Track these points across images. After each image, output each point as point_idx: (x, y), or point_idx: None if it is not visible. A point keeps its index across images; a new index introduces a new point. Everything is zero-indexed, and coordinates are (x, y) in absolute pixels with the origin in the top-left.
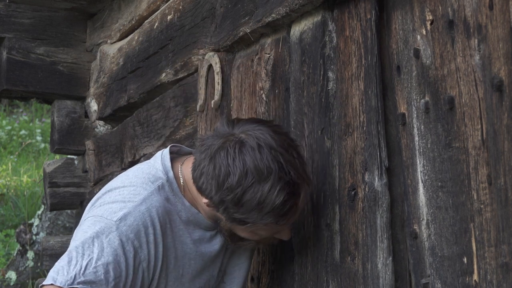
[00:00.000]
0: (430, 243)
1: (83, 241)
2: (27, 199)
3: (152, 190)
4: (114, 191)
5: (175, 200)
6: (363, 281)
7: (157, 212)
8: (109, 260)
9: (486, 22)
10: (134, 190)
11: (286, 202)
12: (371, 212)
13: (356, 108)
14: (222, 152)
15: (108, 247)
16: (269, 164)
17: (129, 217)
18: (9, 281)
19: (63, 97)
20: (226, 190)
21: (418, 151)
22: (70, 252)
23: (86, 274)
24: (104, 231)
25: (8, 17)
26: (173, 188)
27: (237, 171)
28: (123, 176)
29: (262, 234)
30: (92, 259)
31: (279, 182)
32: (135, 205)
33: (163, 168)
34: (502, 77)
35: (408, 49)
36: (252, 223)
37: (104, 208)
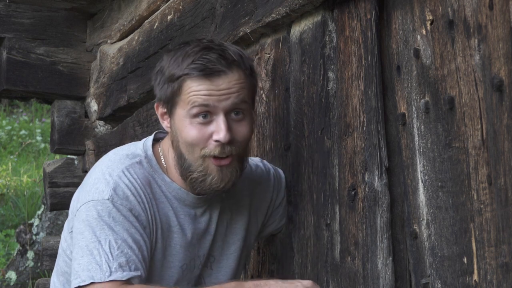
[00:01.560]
0: (430, 243)
1: (90, 230)
2: (27, 199)
3: (129, 163)
4: (95, 170)
5: (155, 176)
6: (363, 281)
7: (140, 183)
8: (124, 235)
9: (486, 22)
10: (112, 165)
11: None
12: (371, 212)
13: (356, 108)
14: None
15: (116, 225)
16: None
17: (118, 190)
18: (9, 281)
19: (63, 97)
20: (154, 76)
21: (418, 151)
22: (85, 247)
23: (116, 257)
24: (104, 213)
25: (8, 17)
26: (152, 165)
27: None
28: (104, 156)
29: (189, 133)
30: (111, 242)
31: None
32: (117, 179)
33: (143, 147)
34: (502, 77)
35: (408, 49)
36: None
37: (91, 192)
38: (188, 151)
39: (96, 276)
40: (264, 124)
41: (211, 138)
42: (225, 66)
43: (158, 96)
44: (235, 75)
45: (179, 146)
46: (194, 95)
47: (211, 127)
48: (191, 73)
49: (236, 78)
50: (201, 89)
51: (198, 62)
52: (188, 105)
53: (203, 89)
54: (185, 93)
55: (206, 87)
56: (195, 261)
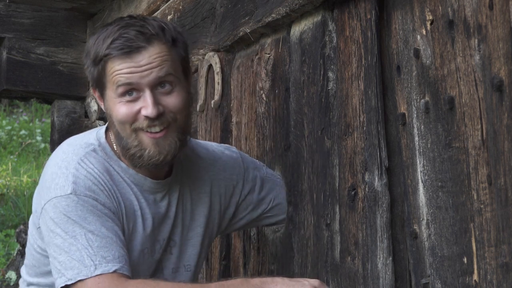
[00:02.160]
0: (430, 243)
1: (62, 228)
2: (27, 199)
3: (83, 153)
4: (51, 164)
5: (111, 163)
6: (363, 281)
7: (98, 171)
8: (97, 226)
9: (486, 22)
10: (66, 157)
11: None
12: (371, 212)
13: (356, 108)
14: None
15: (86, 217)
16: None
17: (78, 182)
18: (9, 281)
19: (63, 97)
20: (84, 59)
21: (418, 151)
22: (61, 244)
23: (96, 250)
24: (70, 208)
25: (8, 17)
26: (106, 152)
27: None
28: (58, 147)
29: (118, 112)
30: (87, 235)
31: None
32: (75, 171)
33: (96, 135)
34: (502, 77)
35: (408, 49)
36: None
37: (51, 188)
38: (121, 128)
39: (82, 272)
40: (264, 124)
41: (139, 113)
42: (144, 41)
43: (90, 80)
44: (156, 49)
45: (114, 126)
46: (117, 74)
47: (139, 103)
48: (111, 53)
49: (157, 52)
50: (123, 68)
51: (117, 41)
52: (113, 85)
53: (124, 68)
54: (109, 74)
55: (127, 65)
56: (155, 245)
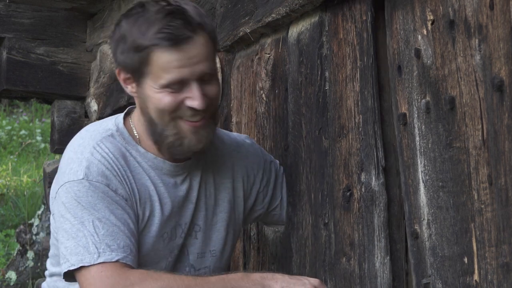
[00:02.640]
0: (431, 243)
1: (72, 212)
2: (27, 199)
3: (100, 138)
4: (68, 150)
5: (129, 148)
6: (359, 281)
7: (112, 156)
8: (106, 213)
9: (487, 22)
10: (83, 142)
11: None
12: (368, 212)
13: (351, 109)
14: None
15: (96, 203)
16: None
17: (91, 167)
18: (9, 281)
19: (63, 97)
20: (114, 42)
21: (419, 151)
22: (69, 229)
23: (102, 237)
24: (81, 193)
25: (8, 17)
26: (124, 137)
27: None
28: (77, 134)
29: (161, 101)
30: (94, 222)
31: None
32: (89, 156)
33: (114, 121)
34: (503, 77)
35: (409, 49)
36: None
37: (65, 173)
38: (159, 116)
39: (85, 259)
40: (264, 124)
41: (183, 103)
42: (191, 31)
43: (120, 62)
44: (201, 39)
45: (148, 112)
46: (167, 67)
47: (183, 93)
48: (159, 43)
49: (202, 42)
50: (172, 61)
51: (165, 31)
52: (159, 77)
53: (174, 60)
54: (155, 64)
55: (177, 57)
56: (176, 229)
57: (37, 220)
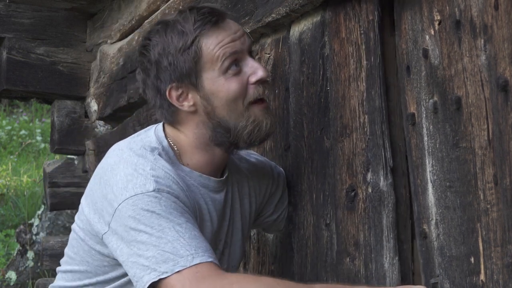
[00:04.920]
0: (439, 243)
1: (146, 223)
2: (27, 199)
3: (153, 158)
4: (120, 168)
5: (175, 167)
6: (365, 281)
7: (173, 174)
8: (181, 221)
9: (492, 22)
10: (138, 161)
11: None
12: (375, 212)
13: (355, 109)
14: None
15: (170, 213)
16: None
17: (159, 180)
18: (9, 281)
19: (63, 97)
20: (147, 70)
21: (427, 151)
22: (147, 240)
23: (188, 240)
24: (154, 203)
25: (8, 17)
26: (170, 156)
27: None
28: (116, 153)
29: (229, 88)
30: (176, 227)
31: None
32: (153, 172)
33: (157, 139)
34: (507, 77)
35: (418, 49)
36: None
37: (128, 188)
38: (231, 110)
39: (179, 263)
40: None
41: (248, 84)
42: (221, 11)
43: (168, 79)
44: (229, 18)
45: (216, 114)
46: (221, 47)
47: (244, 74)
48: (202, 29)
49: (232, 20)
50: (223, 38)
51: (200, 18)
52: (217, 62)
53: (225, 37)
54: (208, 51)
55: (225, 34)
56: (216, 246)
57: (37, 220)
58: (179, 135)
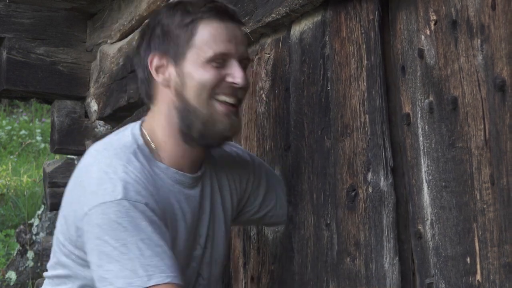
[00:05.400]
0: (434, 243)
1: (112, 235)
2: (27, 199)
3: (127, 158)
4: (94, 169)
5: (151, 164)
6: (365, 281)
7: (143, 175)
8: (148, 233)
9: (489, 22)
10: (111, 162)
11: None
12: (376, 212)
13: (355, 109)
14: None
15: (137, 224)
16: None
17: (128, 187)
18: (9, 281)
19: (63, 97)
20: (148, 31)
21: (423, 151)
22: (110, 252)
23: (148, 259)
24: (121, 213)
25: (8, 17)
26: (145, 154)
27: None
28: (94, 152)
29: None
30: (138, 243)
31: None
32: (124, 175)
33: (132, 137)
34: (505, 77)
35: (413, 49)
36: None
37: (98, 193)
38: (197, 93)
39: (135, 283)
40: (264, 124)
41: (223, 80)
42: (234, 11)
43: (156, 48)
44: (241, 27)
45: (184, 95)
46: (214, 39)
47: (225, 70)
48: (208, 14)
49: (242, 30)
50: (221, 33)
51: (210, 5)
52: (205, 50)
53: (223, 34)
54: (201, 36)
55: (225, 31)
56: (195, 241)
57: (37, 220)
58: (155, 128)
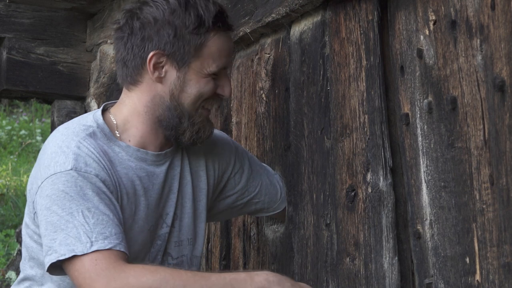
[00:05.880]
0: (433, 243)
1: (59, 204)
2: None
3: (83, 136)
4: (49, 145)
5: (111, 144)
6: (365, 281)
7: (98, 152)
8: (95, 202)
9: (488, 22)
10: (66, 138)
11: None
12: (375, 212)
13: (355, 109)
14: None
15: (85, 193)
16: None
17: (79, 159)
18: (9, 281)
19: (63, 97)
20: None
21: (422, 151)
22: (57, 221)
23: (93, 226)
24: (69, 183)
25: (8, 17)
26: (105, 133)
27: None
28: (54, 132)
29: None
30: (84, 211)
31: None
32: (76, 149)
33: (93, 118)
34: (504, 77)
35: (412, 49)
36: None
37: (50, 166)
38: (192, 102)
39: (77, 248)
40: (264, 124)
41: (214, 91)
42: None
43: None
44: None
45: (179, 98)
46: (221, 53)
47: (217, 82)
48: (220, 28)
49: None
50: (227, 48)
51: (222, 15)
52: (211, 62)
53: (228, 48)
54: (211, 49)
55: (229, 45)
56: (160, 220)
57: None
58: (126, 112)
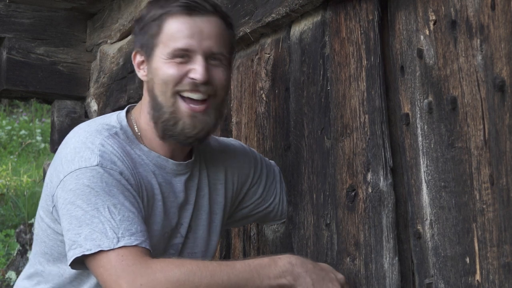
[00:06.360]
0: (434, 243)
1: (84, 199)
2: (27, 199)
3: (106, 135)
4: (72, 141)
5: (133, 146)
6: (365, 281)
7: (121, 152)
8: (121, 199)
9: (488, 22)
10: (90, 135)
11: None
12: (375, 212)
13: (355, 109)
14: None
15: (110, 189)
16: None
17: (104, 156)
18: (9, 281)
19: (63, 97)
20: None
21: (422, 151)
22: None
23: (119, 222)
24: (95, 179)
25: (8, 17)
26: (128, 135)
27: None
28: (75, 129)
29: (167, 71)
30: (110, 207)
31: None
32: (101, 147)
33: (117, 119)
34: (504, 77)
35: (412, 49)
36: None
37: (74, 160)
38: (162, 90)
39: (104, 244)
40: (264, 124)
41: (186, 76)
42: (209, 6)
43: (137, 44)
44: (217, 21)
45: (153, 89)
46: (176, 35)
47: (188, 66)
48: (173, 10)
49: (217, 25)
50: (183, 29)
51: (182, 0)
52: (168, 46)
53: (185, 29)
54: (166, 32)
55: (187, 26)
56: (176, 229)
57: None
58: (140, 116)
